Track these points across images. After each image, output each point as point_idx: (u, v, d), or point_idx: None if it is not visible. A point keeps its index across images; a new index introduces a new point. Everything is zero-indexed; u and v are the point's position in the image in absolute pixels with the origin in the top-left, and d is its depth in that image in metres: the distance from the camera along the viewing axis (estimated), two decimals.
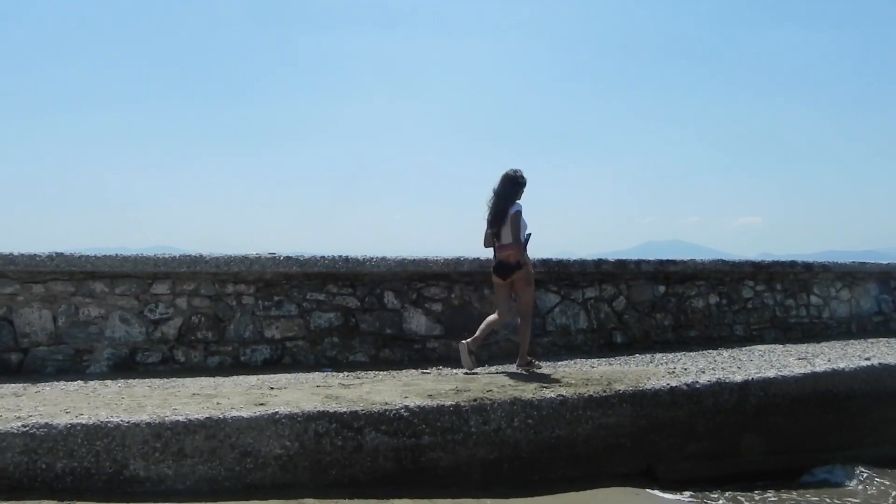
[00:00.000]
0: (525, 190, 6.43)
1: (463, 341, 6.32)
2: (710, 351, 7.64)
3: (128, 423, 4.09)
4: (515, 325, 6.76)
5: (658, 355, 7.32)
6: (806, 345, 8.23)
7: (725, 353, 7.41)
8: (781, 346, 8.14)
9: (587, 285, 8.01)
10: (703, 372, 5.98)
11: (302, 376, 5.93)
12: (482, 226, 6.47)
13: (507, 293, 6.50)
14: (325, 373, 6.19)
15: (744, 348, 7.90)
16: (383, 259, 6.98)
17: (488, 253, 6.60)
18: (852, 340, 8.70)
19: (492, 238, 6.47)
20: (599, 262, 8.02)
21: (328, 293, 6.88)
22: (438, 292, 7.28)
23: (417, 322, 7.15)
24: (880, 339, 8.93)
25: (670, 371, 6.07)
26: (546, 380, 5.65)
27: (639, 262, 8.20)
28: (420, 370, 6.35)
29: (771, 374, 5.88)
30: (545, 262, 7.66)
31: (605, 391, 5.23)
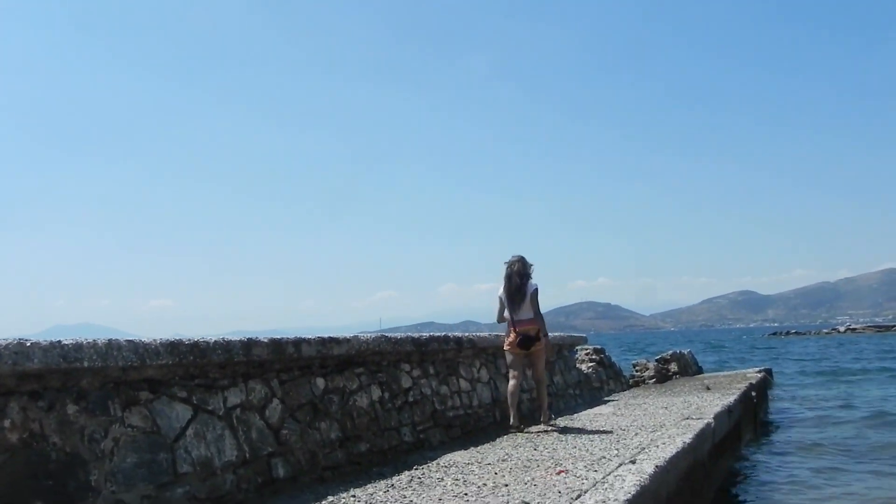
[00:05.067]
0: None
1: (511, 428, 7.20)
2: (410, 474, 5.28)
3: None
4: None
5: (350, 496, 4.66)
6: (486, 445, 6.47)
7: (446, 478, 5.08)
8: (464, 451, 6.21)
9: (229, 384, 4.91)
10: None
11: None
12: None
13: (521, 362, 7.46)
14: None
15: (434, 463, 5.72)
16: None
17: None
18: (518, 437, 7.25)
19: (504, 313, 7.42)
20: (250, 345, 4.99)
21: None
22: None
23: None
24: (534, 428, 7.68)
25: None
26: None
27: (298, 343, 5.42)
28: None
29: None
30: (173, 348, 4.37)
31: None
